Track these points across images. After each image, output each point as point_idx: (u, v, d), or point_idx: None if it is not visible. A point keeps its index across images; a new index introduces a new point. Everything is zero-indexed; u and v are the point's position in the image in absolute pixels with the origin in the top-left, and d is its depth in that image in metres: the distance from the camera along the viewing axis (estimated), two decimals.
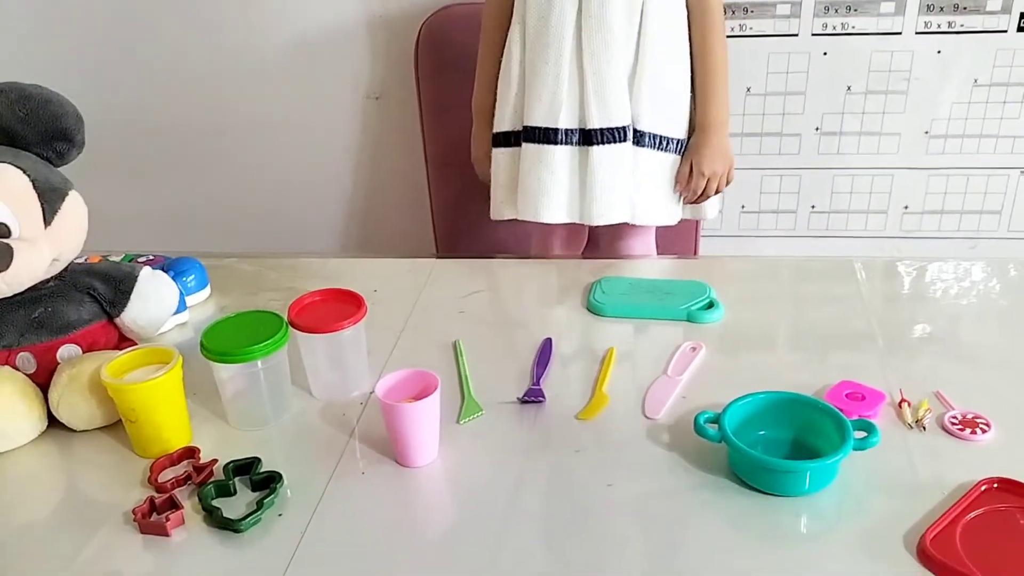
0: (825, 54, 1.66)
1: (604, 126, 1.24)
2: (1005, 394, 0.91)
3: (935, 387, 0.92)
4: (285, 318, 0.92)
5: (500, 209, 1.35)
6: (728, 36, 1.57)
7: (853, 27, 1.64)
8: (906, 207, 1.79)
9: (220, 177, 1.94)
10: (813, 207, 1.81)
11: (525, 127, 1.28)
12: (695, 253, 1.68)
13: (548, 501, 0.81)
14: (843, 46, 1.65)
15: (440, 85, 1.65)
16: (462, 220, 1.41)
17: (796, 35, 1.65)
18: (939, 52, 1.64)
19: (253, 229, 1.96)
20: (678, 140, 1.30)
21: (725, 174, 1.32)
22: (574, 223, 1.31)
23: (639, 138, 1.26)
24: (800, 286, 1.21)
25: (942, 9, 1.61)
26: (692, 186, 1.31)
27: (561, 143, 1.26)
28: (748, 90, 1.70)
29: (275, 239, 1.96)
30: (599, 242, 1.44)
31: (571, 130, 1.26)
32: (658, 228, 1.42)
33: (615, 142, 1.24)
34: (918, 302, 1.14)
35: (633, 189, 1.28)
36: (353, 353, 0.96)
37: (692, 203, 1.36)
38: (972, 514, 0.74)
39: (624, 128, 1.24)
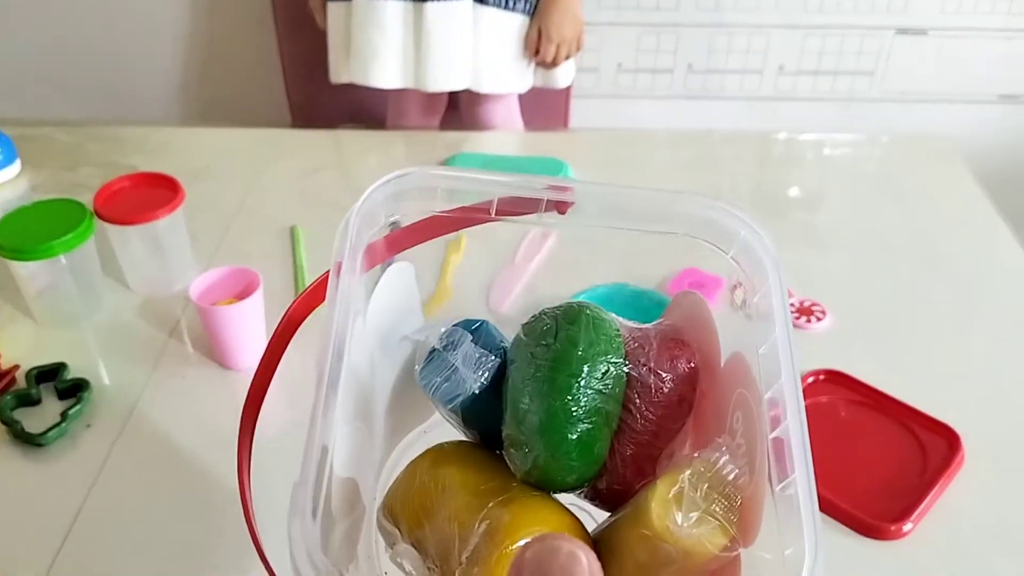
0: None
1: None
2: (846, 282, 0.91)
3: None
4: (91, 206, 0.84)
5: (337, 71, 1.25)
6: None
7: None
8: (781, 67, 1.76)
9: (40, 28, 1.72)
10: (690, 66, 1.75)
11: None
12: (566, 117, 1.62)
13: None
14: None
15: None
16: (318, 83, 1.30)
17: None
18: None
19: (77, 92, 1.77)
20: (526, 0, 1.21)
21: (575, 40, 1.25)
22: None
23: None
24: (658, 162, 1.17)
25: None
26: (540, 53, 1.23)
27: None
28: None
29: (102, 105, 1.78)
30: (459, 109, 1.36)
31: None
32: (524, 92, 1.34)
33: None
34: (777, 180, 1.12)
35: (475, 53, 1.19)
36: (172, 243, 0.88)
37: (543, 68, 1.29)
38: None
39: None
